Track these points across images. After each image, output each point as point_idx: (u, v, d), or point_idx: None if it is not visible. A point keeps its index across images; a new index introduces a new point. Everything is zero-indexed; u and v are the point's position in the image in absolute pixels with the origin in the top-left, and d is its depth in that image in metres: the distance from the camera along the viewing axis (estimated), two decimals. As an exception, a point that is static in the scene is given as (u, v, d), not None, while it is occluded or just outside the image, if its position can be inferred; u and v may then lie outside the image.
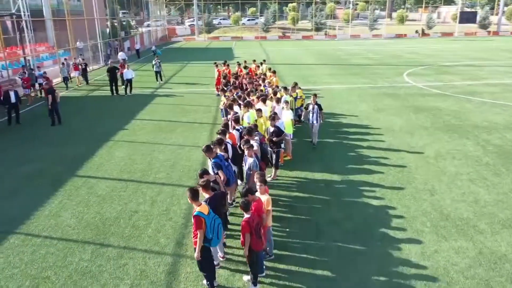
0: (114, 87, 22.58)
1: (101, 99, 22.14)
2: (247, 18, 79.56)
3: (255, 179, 7.20)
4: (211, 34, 70.52)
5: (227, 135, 9.55)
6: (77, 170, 11.72)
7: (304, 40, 66.49)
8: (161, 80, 26.57)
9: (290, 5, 78.37)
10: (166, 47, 54.73)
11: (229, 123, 10.61)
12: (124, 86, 22.75)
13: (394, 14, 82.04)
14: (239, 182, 9.63)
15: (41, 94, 21.45)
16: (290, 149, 12.32)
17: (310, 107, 12.89)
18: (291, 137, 12.51)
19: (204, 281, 6.62)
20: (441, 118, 16.68)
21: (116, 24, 50.03)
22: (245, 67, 21.45)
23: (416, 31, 69.65)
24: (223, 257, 7.36)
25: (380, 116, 17.21)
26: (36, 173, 11.68)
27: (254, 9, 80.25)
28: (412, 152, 12.77)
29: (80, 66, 25.89)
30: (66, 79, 24.86)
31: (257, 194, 6.99)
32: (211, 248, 6.85)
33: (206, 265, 6.36)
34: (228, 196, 8.79)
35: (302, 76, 27.88)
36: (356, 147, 13.28)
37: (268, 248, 7.37)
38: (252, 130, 9.27)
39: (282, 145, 11.82)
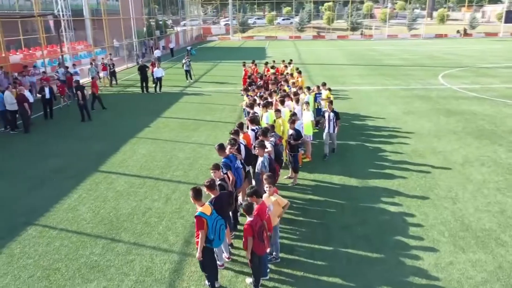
0: (144, 85, 23.08)
1: (132, 96, 22.70)
2: (282, 18, 79.22)
3: (264, 181, 7.11)
4: (246, 34, 70.77)
5: (241, 135, 9.52)
6: (100, 166, 12.04)
7: (339, 40, 65.49)
8: (191, 79, 26.92)
9: (326, 4, 77.33)
10: (200, 46, 55.45)
11: (247, 123, 10.56)
12: (154, 85, 23.19)
13: (435, 13, 79.19)
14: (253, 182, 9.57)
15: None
16: (309, 150, 12.14)
17: (326, 114, 12.15)
18: (311, 139, 12.31)
19: (206, 281, 6.61)
20: (474, 122, 15.91)
21: (153, 23, 51.28)
22: (272, 67, 21.34)
23: (458, 31, 66.97)
24: (228, 258, 7.32)
25: (408, 119, 16.64)
26: (62, 166, 12.10)
27: (289, 8, 79.80)
28: (438, 157, 12.25)
29: (108, 67, 25.91)
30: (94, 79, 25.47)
31: (265, 196, 6.92)
32: (216, 248, 6.86)
33: (208, 265, 6.34)
34: (240, 197, 8.76)
35: (331, 77, 27.44)
36: (379, 151, 12.90)
37: (274, 252, 7.28)
38: (267, 131, 9.17)
39: (301, 149, 11.70)
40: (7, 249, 7.81)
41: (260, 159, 8.22)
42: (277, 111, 11.33)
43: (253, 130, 9.89)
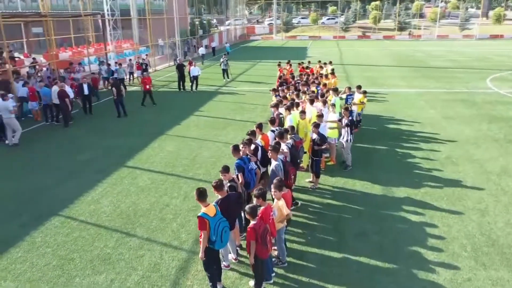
0: (181, 83, 23.57)
1: (168, 94, 23.22)
2: (327, 17, 78.10)
3: (272, 184, 7.00)
4: (289, 33, 70.43)
5: (260, 136, 9.45)
6: (127, 161, 12.41)
7: (385, 40, 63.59)
8: (228, 78, 27.16)
9: (373, 3, 75.31)
10: (242, 46, 55.83)
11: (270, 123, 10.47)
12: (190, 83, 23.61)
13: (491, 13, 74.85)
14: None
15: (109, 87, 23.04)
16: (334, 154, 11.86)
17: (343, 121, 11.37)
18: (336, 142, 12.01)
19: (209, 281, 6.62)
20: (519, 130, 14.89)
21: (197, 22, 52.28)
22: (307, 67, 21.08)
23: (515, 32, 62.94)
24: (235, 259, 7.29)
25: (447, 124, 15.83)
26: (92, 160, 12.59)
27: (335, 8, 78.50)
28: (473, 166, 11.56)
29: (142, 66, 25.93)
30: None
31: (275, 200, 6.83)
32: (221, 249, 6.86)
33: (210, 266, 6.34)
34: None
35: (370, 78, 26.70)
36: (409, 156, 12.36)
37: (280, 256, 7.16)
38: (283, 133, 9.04)
39: (327, 154, 11.45)
40: (30, 237, 8.22)
41: (274, 163, 8.10)
42: (302, 112, 11.15)
43: (272, 131, 9.78)
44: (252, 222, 6.08)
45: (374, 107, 18.84)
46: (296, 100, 12.83)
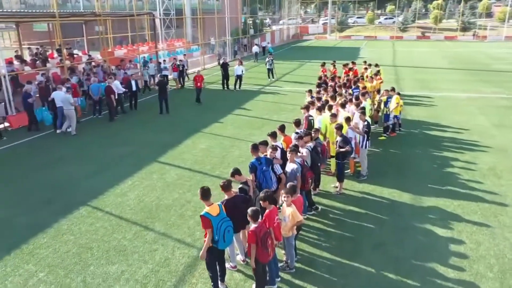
0: (225, 82, 23.89)
1: (212, 92, 23.58)
2: (384, 17, 75.49)
3: (283, 190, 6.87)
4: (343, 33, 68.95)
5: (282, 138, 9.35)
6: (159, 156, 12.79)
7: (446, 41, 60.27)
8: (273, 77, 27.13)
9: (435, 2, 71.67)
10: (294, 45, 55.49)
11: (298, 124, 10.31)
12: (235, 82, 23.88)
13: None
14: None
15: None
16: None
17: (360, 125, 10.84)
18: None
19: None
20: None
21: (250, 22, 52.72)
22: (351, 69, 20.52)
23: None
24: (243, 261, 7.26)
25: (497, 132, 14.71)
26: (128, 154, 13.11)
27: (393, 7, 75.66)
28: (517, 179, 10.66)
29: (178, 68, 24.76)
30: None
31: (283, 206, 6.71)
32: (228, 249, 6.88)
33: (212, 265, 6.37)
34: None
35: (421, 81, 25.45)
36: (447, 165, 11.64)
37: (289, 261, 7.03)
38: (303, 136, 8.87)
39: (356, 157, 11.08)
40: (57, 224, 8.73)
41: (291, 165, 7.96)
42: (332, 115, 10.87)
43: (296, 133, 9.62)
44: (253, 225, 6.01)
45: (420, 111, 17.95)
46: (330, 103, 12.56)
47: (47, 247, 7.89)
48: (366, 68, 20.62)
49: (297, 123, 9.94)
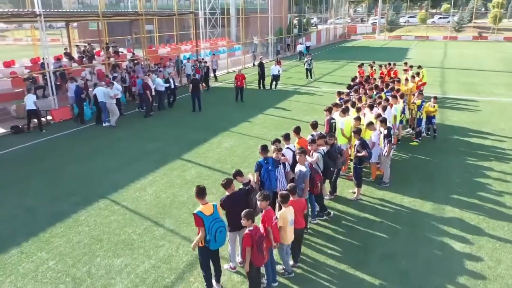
0: (261, 81, 23.89)
1: (247, 92, 23.42)
2: (438, 16, 72.05)
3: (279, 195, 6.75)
4: (393, 33, 66.63)
5: (296, 140, 9.18)
6: (184, 153, 12.99)
7: (506, 42, 56.50)
8: (311, 77, 26.77)
9: (494, 0, 67.30)
10: (340, 45, 54.40)
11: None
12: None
13: None
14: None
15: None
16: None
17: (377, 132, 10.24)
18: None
19: (213, 281, 6.65)
20: None
21: (295, 21, 52.37)
22: (391, 69, 19.79)
23: None
24: (240, 263, 7.19)
25: (544, 142, 13.58)
26: (156, 150, 13.44)
27: (448, 5, 71.97)
28: (558, 194, 9.76)
29: (201, 69, 23.64)
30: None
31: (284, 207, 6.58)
32: (229, 250, 6.87)
33: (204, 265, 6.38)
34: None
35: (468, 84, 24.04)
36: (481, 175, 10.89)
37: (285, 267, 6.88)
38: (315, 139, 8.65)
39: (377, 161, 10.65)
40: (76, 215, 9.12)
41: (299, 168, 7.79)
42: (357, 118, 10.53)
43: (312, 136, 9.38)
44: (248, 228, 5.93)
45: (462, 116, 16.97)
46: (358, 105, 12.18)
47: (62, 236, 8.26)
48: (406, 70, 19.81)
49: (314, 125, 9.72)
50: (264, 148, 8.00)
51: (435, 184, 10.42)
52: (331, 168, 8.75)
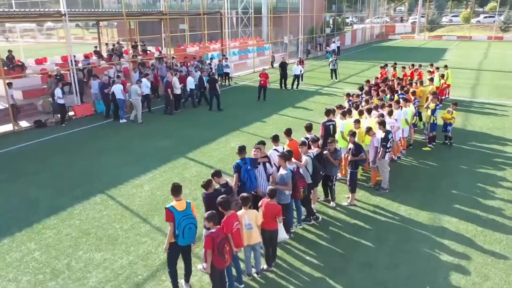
0: (283, 81, 23.72)
1: (268, 91, 23.51)
2: (484, 15, 68.50)
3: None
4: (434, 33, 64.07)
5: (287, 142, 9.04)
6: (190, 152, 13.12)
7: (557, 43, 52.91)
8: (336, 78, 26.27)
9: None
10: (376, 45, 52.99)
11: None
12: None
13: None
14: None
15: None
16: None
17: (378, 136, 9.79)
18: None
19: (182, 281, 6.69)
20: None
21: (329, 20, 51.62)
22: (416, 70, 19.09)
23: None
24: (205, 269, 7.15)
25: None
26: (164, 148, 13.66)
27: (495, 4, 68.23)
28: None
29: (208, 72, 22.32)
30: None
31: (241, 211, 6.53)
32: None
33: (170, 261, 6.44)
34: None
35: (502, 87, 22.73)
36: (490, 184, 10.29)
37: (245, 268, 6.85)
38: (305, 142, 8.47)
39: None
40: (71, 208, 9.43)
41: (280, 171, 7.66)
42: (356, 121, 10.23)
43: (306, 138, 9.19)
44: (211, 231, 5.91)
45: (486, 121, 16.09)
46: (361, 108, 11.87)
47: (53, 228, 8.57)
48: (431, 72, 19.01)
49: (308, 127, 9.51)
50: (241, 149, 7.94)
51: (438, 193, 9.93)
52: (321, 172, 8.52)
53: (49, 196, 10.13)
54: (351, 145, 9.20)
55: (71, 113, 17.72)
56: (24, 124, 16.78)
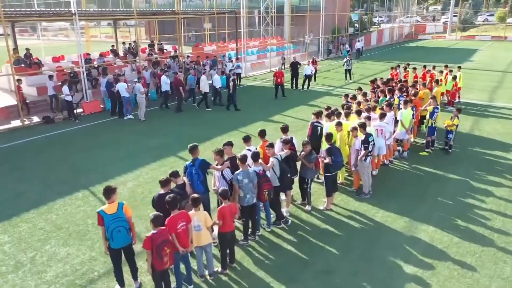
0: (294, 81, 23.49)
1: (277, 91, 23.34)
2: (523, 14, 65.23)
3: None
4: (467, 33, 61.64)
5: (261, 143, 8.94)
6: (182, 151, 12.97)
7: None
8: (350, 79, 25.75)
9: None
10: (403, 45, 51.56)
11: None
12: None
13: None
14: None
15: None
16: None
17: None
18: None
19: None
20: None
21: (355, 19, 50.67)
22: (428, 71, 18.46)
23: None
24: None
25: None
26: (159, 146, 13.80)
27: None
28: None
29: (198, 73, 22.08)
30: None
31: (191, 212, 6.51)
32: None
33: (112, 262, 6.48)
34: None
35: (524, 91, 21.58)
36: (481, 193, 9.79)
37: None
38: (273, 144, 8.34)
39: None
40: (53, 203, 9.69)
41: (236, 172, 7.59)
42: (338, 124, 9.96)
43: (280, 139, 9.04)
44: (151, 232, 5.91)
45: (497, 126, 15.34)
46: (357, 109, 11.57)
47: (30, 222, 8.83)
48: (442, 72, 18.32)
49: (284, 128, 9.37)
50: (191, 150, 7.90)
51: (422, 200, 9.52)
52: (288, 175, 8.34)
53: (36, 190, 10.46)
54: (327, 146, 8.96)
55: (79, 110, 18.23)
56: (35, 119, 17.41)
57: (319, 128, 10.40)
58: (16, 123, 16.68)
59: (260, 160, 8.08)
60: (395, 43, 54.79)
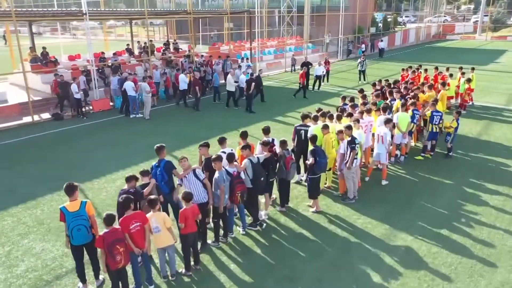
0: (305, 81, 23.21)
1: (285, 91, 23.07)
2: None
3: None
4: (498, 33, 59.27)
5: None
6: (176, 149, 13.22)
7: None
8: (364, 80, 25.23)
9: None
10: (428, 46, 50.09)
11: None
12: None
13: None
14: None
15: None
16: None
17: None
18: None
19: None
20: None
21: (378, 19, 49.63)
22: (440, 73, 17.91)
23: None
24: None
25: None
26: (153, 145, 13.79)
27: None
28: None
29: (198, 72, 20.90)
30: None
31: (150, 214, 6.51)
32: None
33: (74, 259, 6.56)
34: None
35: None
36: (474, 202, 9.38)
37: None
38: (246, 146, 8.23)
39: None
40: (41, 198, 9.94)
41: (215, 174, 7.52)
42: (325, 127, 9.74)
43: (260, 141, 8.92)
44: (104, 230, 5.96)
45: (507, 131, 14.67)
46: (350, 111, 11.35)
47: (15, 216, 9.09)
48: (452, 75, 17.66)
49: (265, 130, 9.27)
50: (157, 150, 7.95)
51: (408, 207, 9.20)
52: (262, 178, 8.20)
53: (29, 185, 10.75)
54: (310, 149, 8.80)
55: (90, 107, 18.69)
56: (46, 116, 17.95)
57: (302, 131, 10.19)
58: (27, 119, 17.25)
59: (235, 162, 8.02)
60: (421, 44, 53.31)
